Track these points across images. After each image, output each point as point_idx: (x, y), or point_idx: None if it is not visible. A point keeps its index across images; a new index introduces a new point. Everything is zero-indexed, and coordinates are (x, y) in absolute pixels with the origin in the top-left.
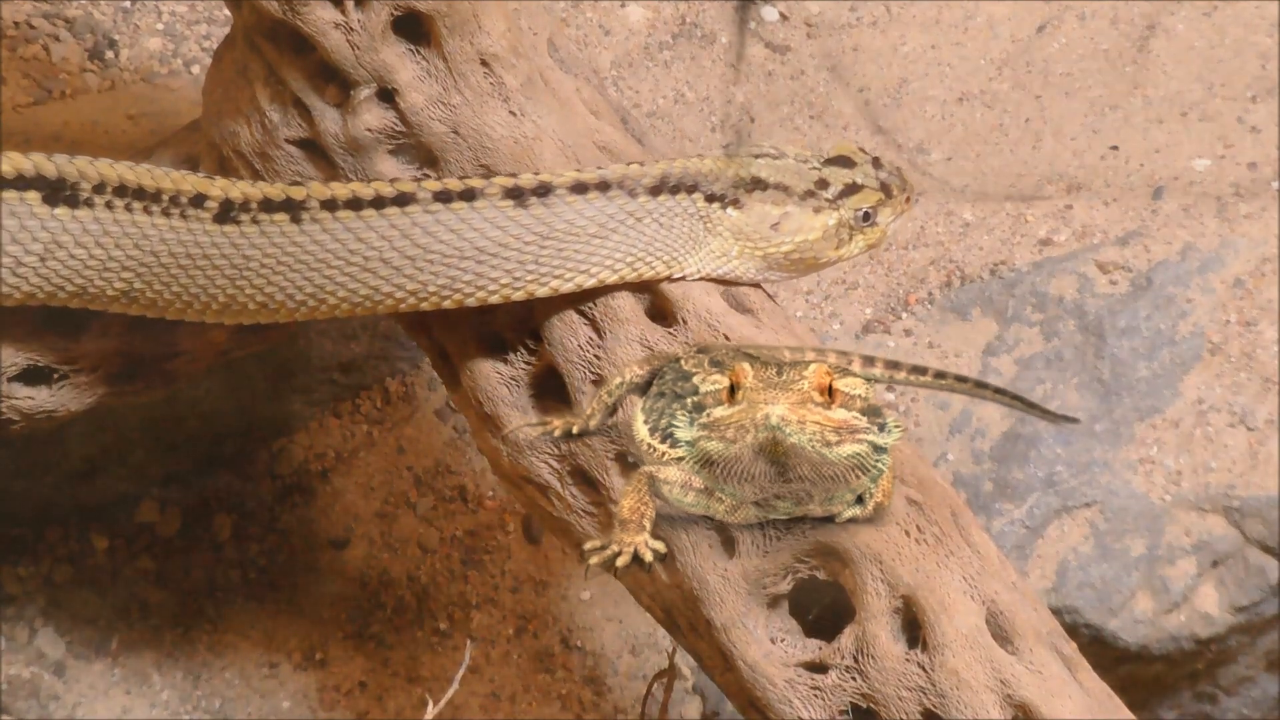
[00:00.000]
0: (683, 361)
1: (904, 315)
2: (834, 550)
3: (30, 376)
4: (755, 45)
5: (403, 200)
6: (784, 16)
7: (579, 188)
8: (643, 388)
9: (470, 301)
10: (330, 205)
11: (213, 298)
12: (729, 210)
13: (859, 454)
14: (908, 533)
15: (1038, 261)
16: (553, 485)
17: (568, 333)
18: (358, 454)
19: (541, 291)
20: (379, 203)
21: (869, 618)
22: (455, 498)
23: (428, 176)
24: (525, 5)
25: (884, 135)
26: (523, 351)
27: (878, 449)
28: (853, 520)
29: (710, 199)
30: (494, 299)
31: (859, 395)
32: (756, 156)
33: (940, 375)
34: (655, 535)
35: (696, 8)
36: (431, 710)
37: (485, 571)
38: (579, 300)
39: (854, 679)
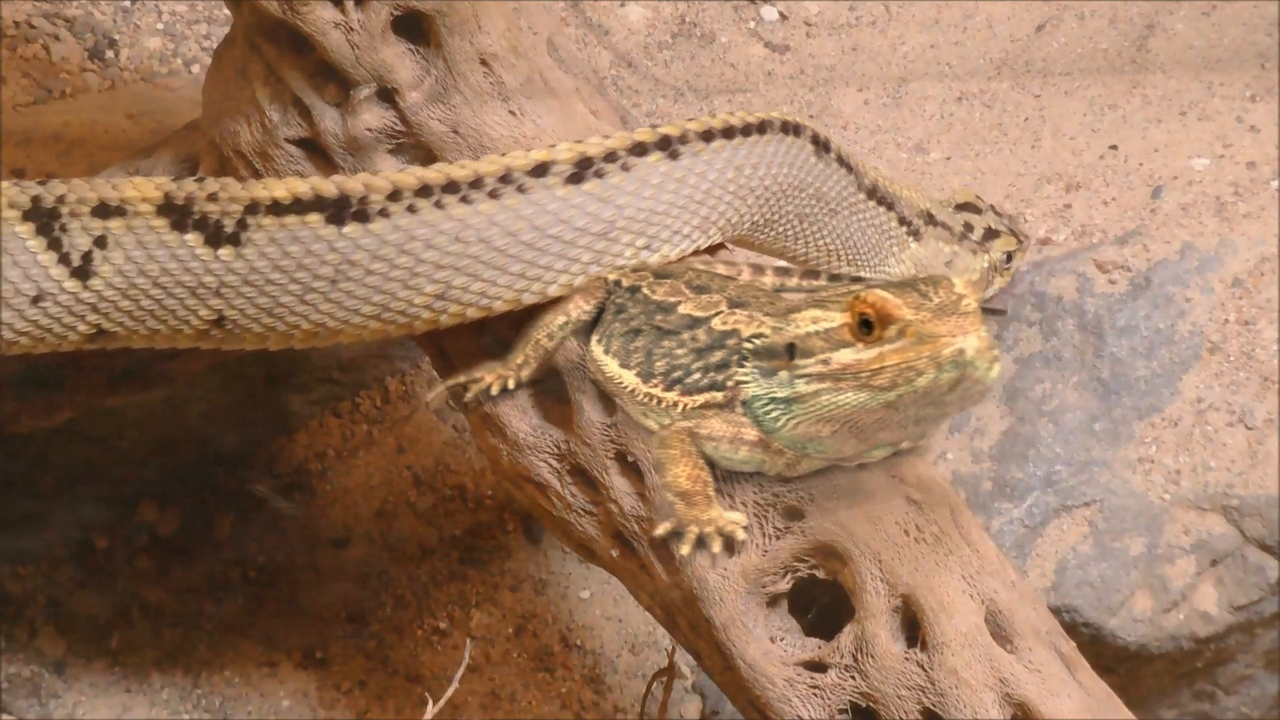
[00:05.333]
0: (645, 290)
1: None
2: (833, 549)
3: (32, 377)
4: (755, 45)
5: (762, 128)
6: (784, 16)
7: (841, 159)
8: (590, 326)
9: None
10: (707, 136)
11: (573, 260)
12: (911, 240)
13: (999, 374)
14: (907, 532)
15: (1037, 261)
16: (552, 484)
17: None
18: (357, 453)
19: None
20: (747, 130)
21: (868, 617)
22: (455, 497)
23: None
24: (525, 5)
25: (883, 135)
26: None
27: None
28: (896, 453)
29: (901, 222)
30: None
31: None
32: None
33: (835, 278)
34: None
35: (696, 7)
36: (431, 709)
37: (485, 571)
38: None
39: (853, 678)
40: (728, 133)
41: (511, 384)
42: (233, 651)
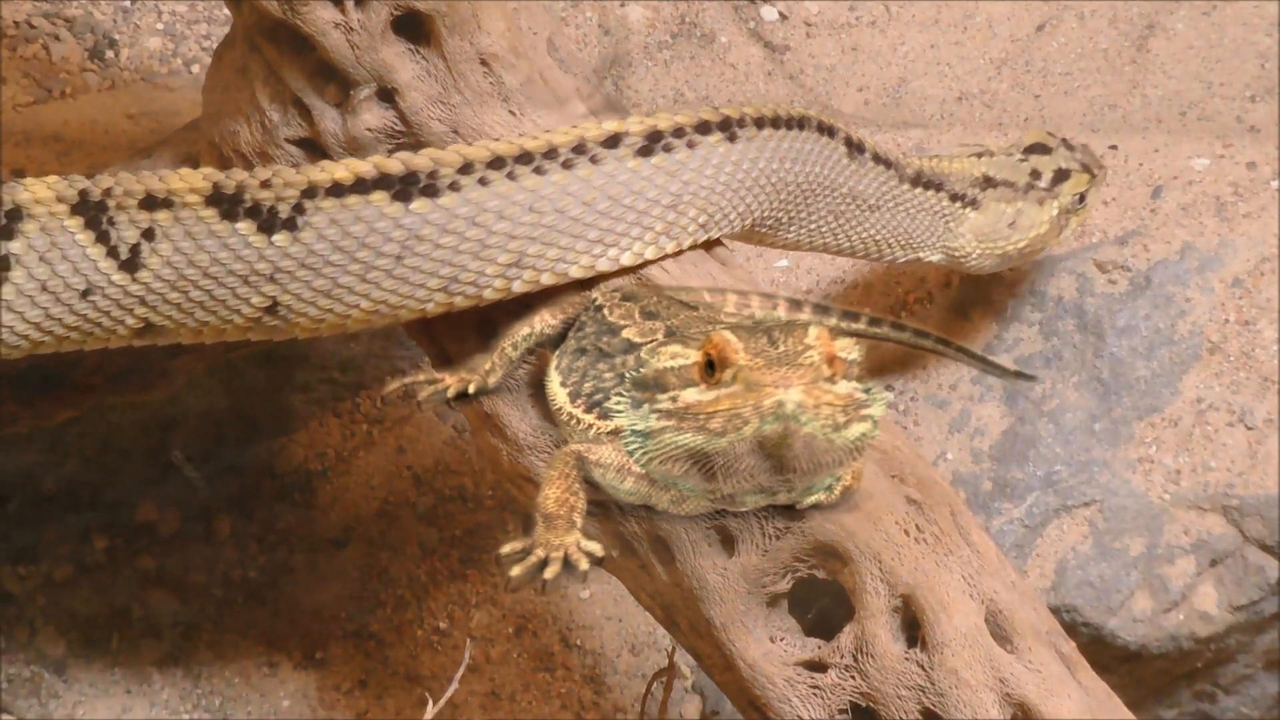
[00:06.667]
0: (605, 310)
1: (903, 315)
2: (833, 549)
3: (32, 377)
4: (755, 45)
5: (801, 124)
6: (784, 16)
7: (878, 157)
8: (556, 340)
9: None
10: (759, 123)
11: (647, 229)
12: (969, 211)
13: (865, 435)
14: (907, 532)
15: (1036, 260)
16: None
17: None
18: (357, 453)
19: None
20: (790, 123)
21: (868, 617)
22: (455, 497)
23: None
24: (525, 5)
25: (883, 135)
26: None
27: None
28: (815, 507)
29: (954, 198)
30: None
31: (855, 360)
32: (979, 156)
33: (875, 322)
34: (587, 533)
35: (696, 7)
36: (431, 709)
37: (485, 571)
38: None
39: (853, 678)
40: (775, 122)
41: (472, 388)
42: (233, 651)
